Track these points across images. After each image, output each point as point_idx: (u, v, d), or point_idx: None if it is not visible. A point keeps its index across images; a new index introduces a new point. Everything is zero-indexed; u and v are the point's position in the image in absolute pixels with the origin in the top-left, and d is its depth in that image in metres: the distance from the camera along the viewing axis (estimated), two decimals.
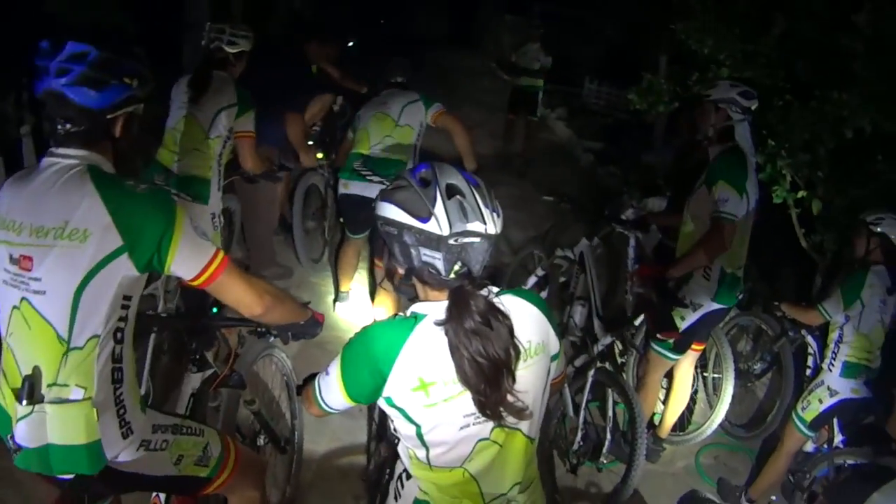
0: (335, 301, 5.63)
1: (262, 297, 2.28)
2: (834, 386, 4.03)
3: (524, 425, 1.98)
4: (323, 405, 2.11)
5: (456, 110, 6.99)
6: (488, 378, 1.81)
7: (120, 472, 2.18)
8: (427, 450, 1.98)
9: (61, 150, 2.08)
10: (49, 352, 2.03)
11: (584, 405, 3.94)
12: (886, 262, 4.01)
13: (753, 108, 3.91)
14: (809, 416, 4.05)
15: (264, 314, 2.32)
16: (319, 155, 5.88)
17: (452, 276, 1.87)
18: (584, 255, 5.14)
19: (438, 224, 1.83)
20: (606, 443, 3.93)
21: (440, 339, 1.85)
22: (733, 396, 4.78)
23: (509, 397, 1.85)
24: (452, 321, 1.84)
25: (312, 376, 2.20)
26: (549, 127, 12.15)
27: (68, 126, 2.06)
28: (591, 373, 3.99)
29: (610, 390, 4.05)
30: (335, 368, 2.03)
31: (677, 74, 6.35)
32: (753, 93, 3.92)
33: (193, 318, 2.88)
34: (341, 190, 5.06)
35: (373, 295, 5.32)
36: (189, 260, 2.10)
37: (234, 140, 4.26)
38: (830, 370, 4.05)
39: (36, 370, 2.03)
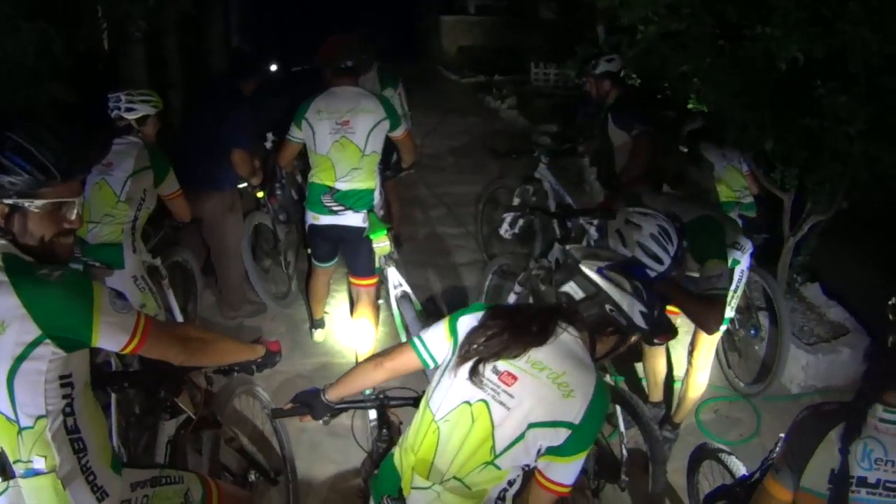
0: (311, 328, 5.59)
1: (186, 345, 2.33)
2: None
3: (501, 421, 2.12)
4: (420, 349, 2.39)
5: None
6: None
7: None
8: (438, 381, 2.28)
9: None
10: (4, 432, 2.03)
11: None
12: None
13: None
14: None
15: (189, 360, 2.38)
16: (259, 194, 5.78)
17: None
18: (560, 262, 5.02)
19: None
20: (623, 461, 3.69)
21: None
22: (740, 353, 4.98)
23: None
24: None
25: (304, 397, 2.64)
26: (503, 118, 12.18)
27: None
28: None
29: (614, 405, 3.76)
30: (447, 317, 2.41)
31: (614, 42, 6.34)
32: None
33: (156, 369, 2.85)
34: (311, 221, 4.91)
35: (352, 311, 5.30)
36: (112, 336, 2.09)
37: (167, 201, 4.47)
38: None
39: (1, 450, 2.04)
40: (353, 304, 5.08)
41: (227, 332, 5.35)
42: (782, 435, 2.77)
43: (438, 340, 2.35)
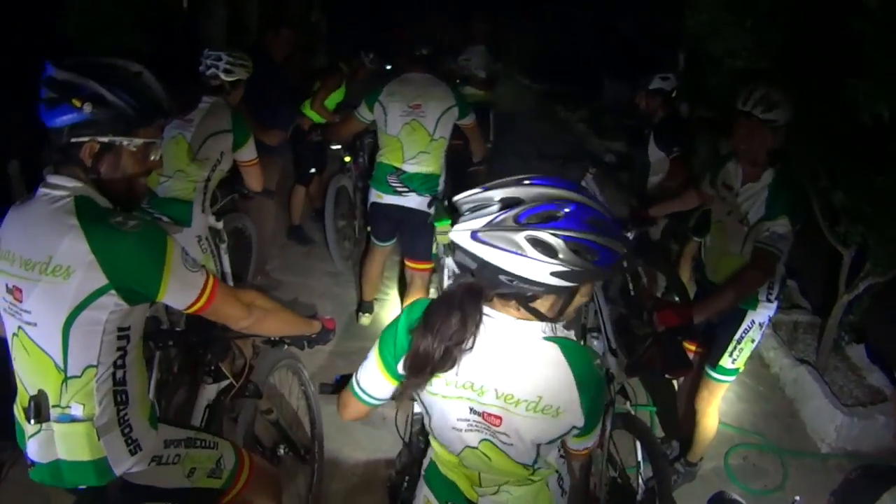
0: (358, 311, 5.63)
1: (251, 310, 2.31)
2: None
3: (513, 452, 2.00)
4: (361, 395, 2.07)
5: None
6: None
7: (132, 484, 2.22)
8: (430, 417, 2.05)
9: (52, 179, 2.05)
10: (49, 378, 2.06)
11: (605, 455, 3.56)
12: None
13: None
14: None
15: (252, 326, 2.35)
16: (347, 158, 6.12)
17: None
18: None
19: None
20: (639, 492, 3.63)
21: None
22: None
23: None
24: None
25: (346, 380, 2.18)
26: (571, 130, 12.13)
27: (51, 150, 2.05)
28: (610, 419, 3.50)
29: (634, 437, 3.67)
30: (373, 349, 2.03)
31: (694, 71, 6.29)
32: None
33: (206, 331, 2.88)
34: (374, 199, 5.03)
35: (403, 296, 5.34)
36: (180, 293, 2.09)
37: (243, 168, 4.42)
38: None
39: (41, 392, 2.07)
40: (404, 291, 5.14)
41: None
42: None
43: (378, 385, 2.04)
